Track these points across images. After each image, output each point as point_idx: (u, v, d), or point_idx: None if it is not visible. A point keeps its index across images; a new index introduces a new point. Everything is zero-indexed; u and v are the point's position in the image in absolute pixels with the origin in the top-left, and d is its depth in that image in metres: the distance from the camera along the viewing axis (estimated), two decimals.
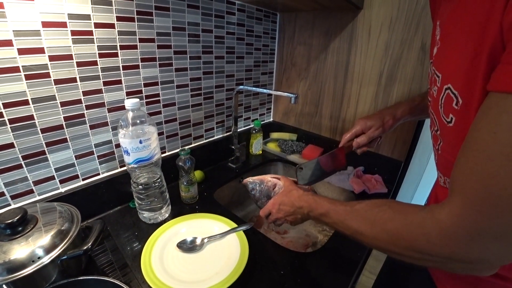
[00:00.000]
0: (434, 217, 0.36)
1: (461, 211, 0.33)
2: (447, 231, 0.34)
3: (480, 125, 0.31)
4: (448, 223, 0.34)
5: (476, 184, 0.31)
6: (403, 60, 0.95)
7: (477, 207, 0.31)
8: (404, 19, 0.91)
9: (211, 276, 0.62)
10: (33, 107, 0.65)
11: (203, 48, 0.95)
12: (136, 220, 0.80)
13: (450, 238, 0.34)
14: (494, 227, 0.30)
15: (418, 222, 0.38)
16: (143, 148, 0.69)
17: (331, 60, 1.14)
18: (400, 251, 0.41)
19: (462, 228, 0.33)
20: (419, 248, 0.37)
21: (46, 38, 0.62)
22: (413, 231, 0.38)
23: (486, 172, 0.30)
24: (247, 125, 1.30)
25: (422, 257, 0.38)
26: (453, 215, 0.33)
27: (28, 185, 0.69)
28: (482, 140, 0.30)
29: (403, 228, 0.40)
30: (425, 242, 0.37)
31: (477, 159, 0.31)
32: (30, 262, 0.51)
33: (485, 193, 0.30)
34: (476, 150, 0.31)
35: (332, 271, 0.67)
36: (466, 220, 0.32)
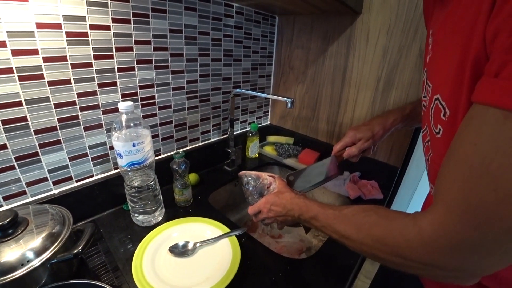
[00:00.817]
0: (417, 224, 0.36)
1: (442, 220, 0.33)
2: (428, 239, 0.34)
3: (462, 135, 0.31)
4: (429, 231, 0.34)
5: (457, 194, 0.31)
6: (400, 66, 0.95)
7: (458, 217, 0.31)
8: (403, 25, 0.91)
9: (201, 281, 0.61)
10: (27, 108, 0.64)
11: (200, 50, 0.95)
12: (130, 222, 0.79)
13: (430, 246, 0.34)
14: (473, 237, 0.30)
15: (401, 229, 0.38)
16: (137, 151, 0.68)
17: (329, 64, 1.14)
18: (384, 256, 0.41)
19: (443, 237, 0.33)
20: (401, 254, 0.38)
21: (41, 39, 0.62)
22: (396, 237, 0.38)
23: (466, 183, 0.30)
24: (243, 128, 1.30)
25: (405, 263, 0.38)
26: (435, 224, 0.34)
27: (20, 186, 0.69)
28: (463, 151, 0.31)
29: (387, 234, 0.40)
30: (407, 249, 0.37)
31: (458, 170, 0.31)
32: (20, 266, 0.51)
33: (465, 204, 0.30)
34: (457, 160, 0.31)
35: (326, 277, 0.66)
36: (446, 229, 0.32)
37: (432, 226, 0.34)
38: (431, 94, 0.42)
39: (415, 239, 0.36)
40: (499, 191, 0.27)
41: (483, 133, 0.28)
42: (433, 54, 0.43)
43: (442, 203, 0.33)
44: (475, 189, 0.29)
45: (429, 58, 0.46)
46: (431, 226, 0.34)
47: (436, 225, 0.33)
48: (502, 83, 0.26)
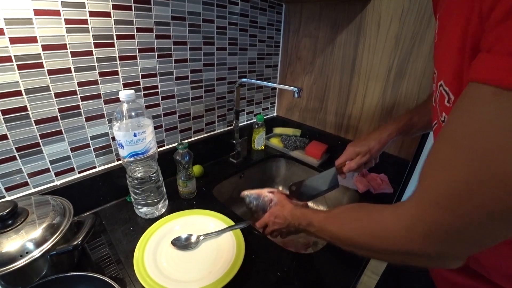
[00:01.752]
0: (395, 212, 0.37)
1: (420, 206, 0.33)
2: (406, 226, 0.34)
3: (452, 115, 0.30)
4: (407, 218, 0.34)
5: (436, 177, 0.31)
6: (413, 55, 0.90)
7: (435, 201, 0.31)
8: (417, 11, 0.86)
9: (204, 275, 0.60)
10: (26, 98, 0.63)
11: (204, 39, 0.92)
12: (133, 214, 0.78)
13: (409, 233, 0.34)
14: (451, 221, 0.30)
15: (380, 219, 0.39)
16: (138, 141, 0.67)
17: (337, 54, 1.10)
18: (368, 247, 0.41)
19: (421, 223, 0.33)
20: (382, 244, 0.38)
21: (39, 26, 0.60)
22: (375, 227, 0.40)
23: (448, 163, 0.29)
24: (249, 119, 1.27)
25: (386, 251, 0.38)
26: (412, 210, 0.34)
27: (22, 177, 0.68)
28: (449, 131, 0.30)
29: (367, 225, 0.42)
30: (387, 238, 0.37)
31: (442, 150, 0.31)
32: (19, 257, 0.50)
33: (445, 186, 0.30)
34: (442, 141, 0.31)
35: (333, 272, 0.64)
36: (424, 215, 0.32)
37: (409, 213, 0.34)
38: (436, 81, 0.40)
39: (394, 227, 0.36)
40: (480, 172, 0.26)
41: (470, 112, 0.27)
42: (438, 39, 0.41)
43: (421, 188, 0.33)
44: (456, 170, 0.28)
45: (434, 44, 0.43)
46: (408, 212, 0.34)
47: (414, 211, 0.33)
48: (493, 58, 0.24)
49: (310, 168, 1.13)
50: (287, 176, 1.24)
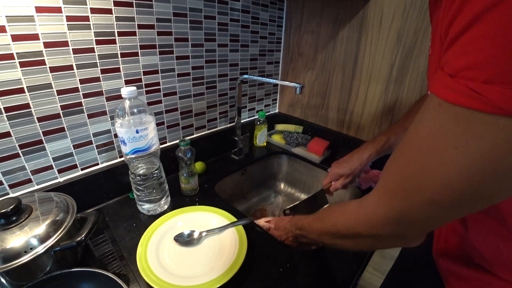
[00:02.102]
0: (363, 202, 0.43)
1: (380, 195, 0.39)
2: (370, 213, 0.40)
3: (413, 122, 0.34)
4: (371, 206, 0.41)
5: (393, 170, 0.37)
6: (416, 50, 0.90)
7: (392, 190, 0.37)
8: (419, 6, 0.85)
9: (207, 271, 0.60)
10: (29, 95, 0.63)
11: (206, 35, 0.92)
12: (135, 211, 0.79)
13: (373, 219, 0.40)
14: (403, 207, 0.35)
15: (351, 209, 0.46)
16: (140, 138, 0.67)
17: (339, 50, 1.09)
18: (342, 234, 0.48)
19: (381, 209, 0.38)
20: (355, 231, 0.44)
21: (40, 24, 0.60)
22: (347, 217, 0.47)
23: (403, 159, 0.35)
24: (251, 116, 1.27)
25: (357, 236, 0.45)
26: (375, 199, 0.40)
27: (26, 174, 0.69)
28: (408, 134, 0.34)
29: (341, 216, 0.49)
30: (357, 224, 0.44)
31: (400, 149, 0.35)
32: (23, 253, 0.51)
33: (399, 177, 0.35)
34: (402, 142, 0.35)
35: (336, 268, 0.65)
36: (383, 202, 0.38)
37: (373, 201, 0.40)
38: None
39: (361, 215, 0.43)
40: (425, 165, 0.30)
41: (423, 119, 0.31)
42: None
43: (380, 180, 0.39)
44: (409, 164, 0.33)
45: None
46: (372, 202, 0.40)
47: (376, 199, 0.40)
48: (442, 75, 0.28)
49: (312, 164, 1.13)
50: (289, 172, 1.24)
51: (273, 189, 1.25)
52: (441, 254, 0.56)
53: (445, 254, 0.55)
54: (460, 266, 0.49)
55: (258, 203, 1.16)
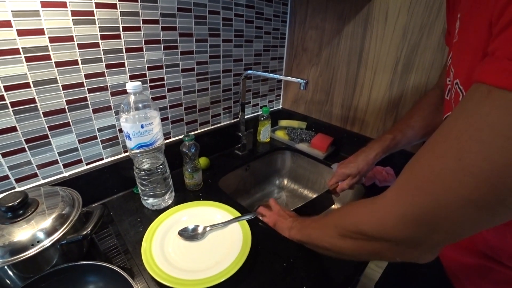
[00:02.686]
0: (379, 197, 0.40)
1: (399, 190, 0.36)
2: (384, 208, 0.38)
3: (452, 112, 0.31)
4: (387, 201, 0.38)
5: (422, 162, 0.33)
6: (422, 47, 0.89)
7: (415, 185, 0.33)
8: (425, 2, 0.84)
9: (211, 266, 0.61)
10: (35, 90, 0.63)
11: (210, 30, 0.91)
12: (140, 206, 0.79)
13: (385, 215, 0.37)
14: (428, 205, 0.32)
15: (363, 204, 0.44)
16: (145, 133, 0.67)
17: (344, 46, 1.08)
18: (347, 233, 0.45)
19: (396, 206, 0.35)
20: (360, 228, 0.42)
21: (46, 18, 0.60)
22: (357, 212, 0.45)
23: (435, 151, 0.31)
24: (255, 111, 1.27)
25: (363, 236, 0.41)
26: (392, 194, 0.37)
27: (32, 168, 0.69)
28: (445, 124, 0.31)
29: (350, 211, 0.48)
30: (365, 221, 0.41)
31: (433, 140, 0.32)
32: (30, 246, 0.51)
33: (427, 171, 0.32)
34: (436, 133, 0.32)
35: (340, 264, 0.65)
36: (401, 198, 0.35)
37: (390, 196, 0.37)
38: (452, 79, 0.42)
39: (374, 211, 0.40)
40: (464, 157, 0.27)
41: (465, 109, 0.29)
42: (459, 39, 0.42)
43: (404, 175, 0.36)
44: (442, 157, 0.30)
45: (454, 43, 0.44)
46: (390, 197, 0.37)
47: (394, 194, 0.36)
48: (493, 61, 0.26)
49: (316, 160, 1.13)
50: (293, 168, 1.24)
51: (276, 185, 1.25)
52: None
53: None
54: (464, 254, 0.49)
55: (261, 199, 1.16)
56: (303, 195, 1.19)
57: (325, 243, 0.52)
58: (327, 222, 0.53)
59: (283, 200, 1.19)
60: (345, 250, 0.47)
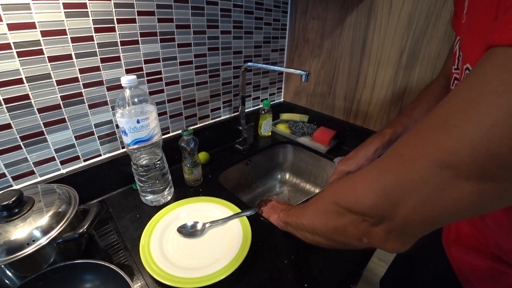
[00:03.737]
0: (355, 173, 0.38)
1: (369, 167, 0.35)
2: (353, 183, 0.37)
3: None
4: (357, 176, 0.37)
5: (404, 137, 0.32)
6: (428, 36, 0.86)
7: (390, 155, 0.32)
8: None
9: (210, 263, 0.60)
10: (28, 86, 0.62)
11: (208, 22, 0.89)
12: (139, 202, 0.78)
13: (354, 187, 0.36)
14: (387, 178, 0.31)
15: (344, 178, 0.41)
16: (141, 128, 0.66)
17: (347, 36, 1.05)
18: (324, 205, 0.44)
19: (369, 174, 0.34)
20: (333, 198, 0.41)
21: (37, 12, 0.58)
22: (335, 185, 0.43)
23: (419, 128, 0.30)
24: (256, 105, 1.25)
25: (335, 210, 0.40)
26: (364, 169, 0.36)
27: (28, 166, 0.68)
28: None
29: (330, 186, 0.45)
30: (337, 191, 0.41)
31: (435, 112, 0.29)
32: (26, 245, 0.51)
33: (404, 143, 0.31)
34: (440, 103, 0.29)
35: (342, 260, 0.63)
36: (374, 167, 0.34)
37: (368, 167, 0.35)
38: (462, 64, 0.39)
39: (349, 182, 0.39)
40: (449, 119, 0.26)
41: (477, 74, 0.25)
42: (467, 20, 0.40)
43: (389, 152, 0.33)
44: (428, 126, 0.28)
45: (462, 25, 0.42)
46: (366, 168, 0.35)
47: (371, 166, 0.35)
48: (503, 19, 0.24)
49: (318, 154, 1.11)
50: (295, 162, 1.22)
51: (278, 180, 1.24)
52: (453, 242, 0.54)
53: (458, 243, 0.53)
54: (475, 255, 0.48)
55: (263, 194, 1.15)
56: (305, 190, 1.18)
57: (304, 219, 0.52)
58: (310, 201, 0.52)
59: (285, 195, 1.17)
60: (318, 226, 0.46)
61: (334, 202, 0.41)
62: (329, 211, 0.42)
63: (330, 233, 0.43)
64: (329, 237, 0.44)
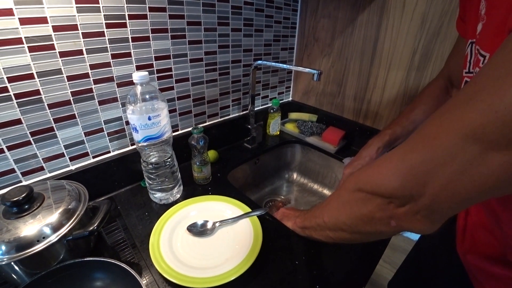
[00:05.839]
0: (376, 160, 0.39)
1: (393, 152, 0.35)
2: (378, 166, 0.37)
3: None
4: (381, 160, 0.37)
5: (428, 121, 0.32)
6: (441, 35, 0.84)
7: (417, 137, 0.33)
8: None
9: (221, 263, 0.59)
10: (39, 81, 0.61)
11: (219, 19, 0.88)
12: (147, 200, 0.78)
13: (379, 170, 0.37)
14: (413, 157, 0.31)
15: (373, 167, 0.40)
16: (152, 125, 0.65)
17: (358, 36, 1.04)
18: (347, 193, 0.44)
19: (389, 162, 0.35)
20: (370, 188, 0.39)
21: (49, 6, 0.58)
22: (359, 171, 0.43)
23: (442, 111, 0.30)
24: (264, 104, 1.24)
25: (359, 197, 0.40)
26: (388, 154, 0.36)
27: (38, 162, 0.68)
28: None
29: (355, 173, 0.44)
30: (362, 177, 0.41)
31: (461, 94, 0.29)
32: (36, 241, 0.50)
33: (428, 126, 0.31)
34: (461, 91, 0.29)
35: (352, 262, 0.62)
36: (393, 156, 0.35)
37: (391, 152, 0.36)
38: (473, 67, 0.39)
39: (372, 167, 0.39)
40: (476, 95, 0.26)
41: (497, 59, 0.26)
42: (488, 19, 0.38)
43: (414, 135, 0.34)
44: (453, 106, 0.29)
45: (482, 25, 0.40)
46: (390, 153, 0.36)
47: (395, 150, 0.35)
48: None
49: (327, 154, 1.10)
50: (303, 162, 1.21)
51: (286, 179, 1.23)
52: (469, 250, 0.53)
53: (474, 251, 0.52)
54: (492, 264, 0.47)
55: (270, 193, 1.14)
56: (313, 190, 1.16)
57: (325, 216, 0.51)
58: (329, 197, 0.52)
59: (293, 195, 1.16)
60: (341, 218, 0.45)
61: (358, 188, 0.41)
62: (354, 200, 0.42)
63: (355, 224, 0.43)
64: (355, 229, 0.44)
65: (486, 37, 0.39)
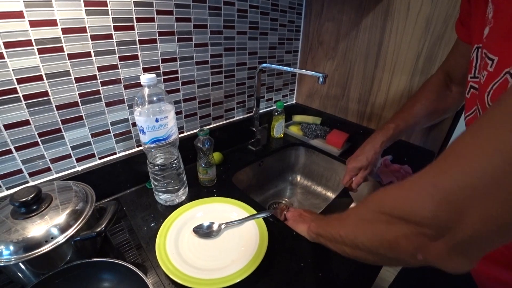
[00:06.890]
0: (401, 182, 0.34)
1: (421, 173, 0.31)
2: (406, 189, 0.33)
3: None
4: (408, 182, 0.33)
5: (462, 140, 0.28)
6: (445, 39, 0.84)
7: (449, 157, 0.29)
8: None
9: (227, 264, 0.59)
10: (47, 83, 0.62)
11: (225, 22, 0.89)
12: (153, 201, 0.78)
13: (407, 194, 0.32)
14: (448, 184, 0.27)
15: (391, 187, 0.37)
16: (160, 127, 0.65)
17: (362, 39, 1.04)
18: (370, 215, 0.39)
19: (419, 186, 0.31)
20: (383, 208, 0.36)
21: (58, 9, 0.59)
22: (383, 193, 0.38)
23: (475, 129, 0.27)
24: (269, 106, 1.24)
25: (383, 219, 0.35)
26: (416, 175, 0.32)
27: (45, 163, 0.68)
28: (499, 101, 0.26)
29: (376, 194, 0.39)
30: (387, 200, 0.36)
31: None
32: (44, 242, 0.50)
33: (463, 145, 0.28)
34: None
35: (357, 265, 0.62)
36: (423, 179, 0.31)
37: (419, 173, 0.31)
38: (494, 69, 0.37)
39: (398, 190, 0.35)
40: None
41: None
42: (496, 23, 0.38)
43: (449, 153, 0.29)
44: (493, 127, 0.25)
45: (489, 29, 0.40)
46: (418, 174, 0.31)
47: (424, 171, 0.30)
48: None
49: (331, 157, 1.10)
50: (307, 165, 1.21)
51: (289, 181, 1.23)
52: None
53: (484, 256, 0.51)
54: (500, 270, 0.46)
55: (274, 195, 1.14)
56: (317, 192, 1.16)
57: (341, 230, 0.46)
58: (349, 211, 0.48)
59: (296, 197, 1.16)
60: (360, 238, 0.40)
61: (381, 211, 0.36)
62: (375, 221, 0.37)
63: (375, 247, 0.38)
64: (374, 251, 0.38)
65: (494, 41, 0.39)
